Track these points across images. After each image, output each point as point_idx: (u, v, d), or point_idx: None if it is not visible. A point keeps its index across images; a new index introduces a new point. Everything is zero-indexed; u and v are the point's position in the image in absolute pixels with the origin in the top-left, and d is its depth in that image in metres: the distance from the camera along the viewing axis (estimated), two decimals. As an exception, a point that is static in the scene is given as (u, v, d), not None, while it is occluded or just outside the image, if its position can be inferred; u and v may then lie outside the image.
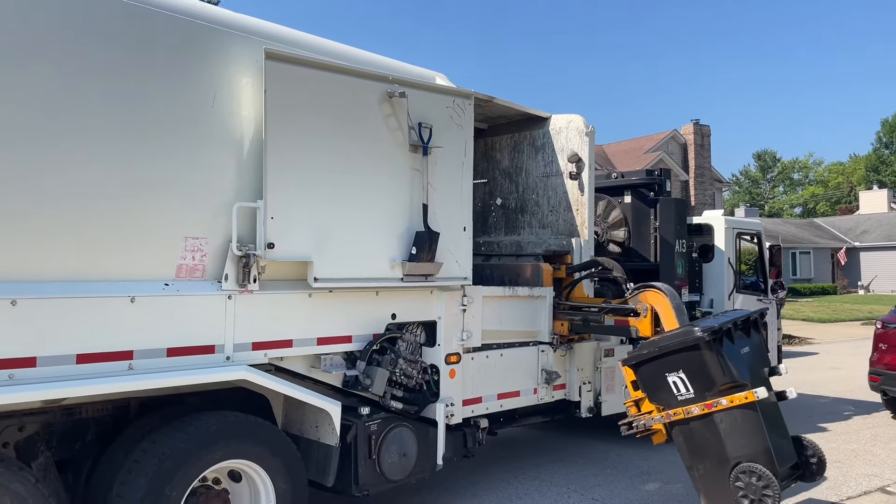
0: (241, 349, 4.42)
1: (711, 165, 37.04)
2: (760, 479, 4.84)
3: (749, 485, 4.87)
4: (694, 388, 5.15)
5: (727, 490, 4.99)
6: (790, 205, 74.67)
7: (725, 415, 5.03)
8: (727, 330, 5.19)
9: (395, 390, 5.30)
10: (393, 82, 5.14)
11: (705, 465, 5.16)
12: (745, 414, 5.00)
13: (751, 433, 5.00)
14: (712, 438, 5.09)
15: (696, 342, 5.08)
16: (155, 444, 4.02)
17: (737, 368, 5.10)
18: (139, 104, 4.07)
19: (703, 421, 5.10)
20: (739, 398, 4.97)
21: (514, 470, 7.04)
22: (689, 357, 5.15)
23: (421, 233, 5.27)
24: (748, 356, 5.32)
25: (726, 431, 5.04)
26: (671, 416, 5.24)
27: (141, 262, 4.07)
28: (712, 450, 5.11)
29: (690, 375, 5.15)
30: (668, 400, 5.26)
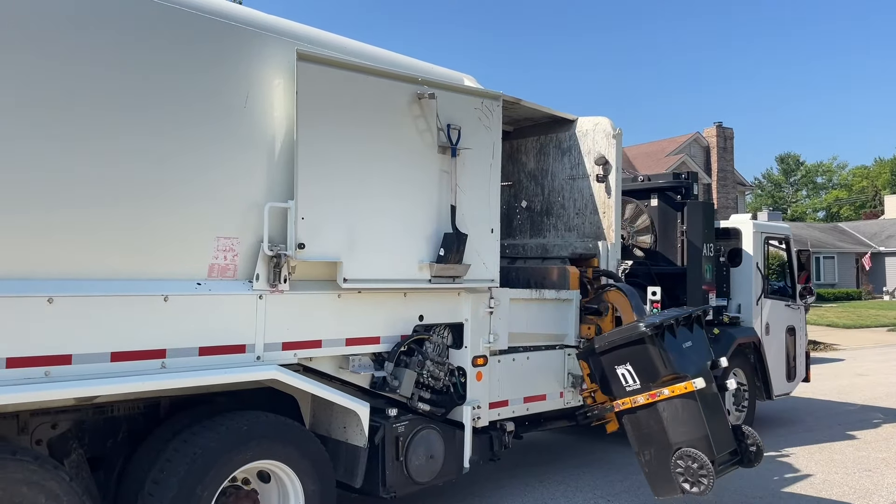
0: (271, 349, 4.43)
1: (734, 168, 36.70)
2: (697, 462, 5.20)
3: (688, 468, 5.24)
4: (640, 380, 5.52)
5: (670, 474, 5.33)
6: (813, 209, 73.82)
7: (667, 404, 5.39)
8: (669, 325, 5.53)
9: (423, 392, 5.29)
10: (422, 84, 5.13)
11: (651, 450, 5.49)
12: (685, 403, 5.35)
13: (691, 421, 5.33)
14: (656, 426, 5.44)
15: (640, 336, 5.47)
16: (186, 444, 4.04)
17: (678, 361, 5.46)
18: (174, 104, 4.09)
19: (648, 410, 5.46)
20: (679, 388, 5.34)
21: (539, 475, 6.99)
22: (635, 351, 5.53)
23: (449, 234, 5.25)
24: (690, 350, 5.64)
25: (668, 420, 5.39)
26: (620, 406, 5.62)
27: (174, 261, 4.09)
28: (657, 437, 5.45)
29: (637, 368, 5.54)
30: (619, 391, 5.61)
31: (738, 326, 8.66)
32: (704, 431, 5.30)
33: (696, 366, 5.56)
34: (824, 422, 9.78)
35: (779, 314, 9.22)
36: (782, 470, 7.35)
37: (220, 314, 4.21)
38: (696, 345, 5.74)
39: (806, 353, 9.86)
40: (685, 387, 5.33)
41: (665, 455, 5.37)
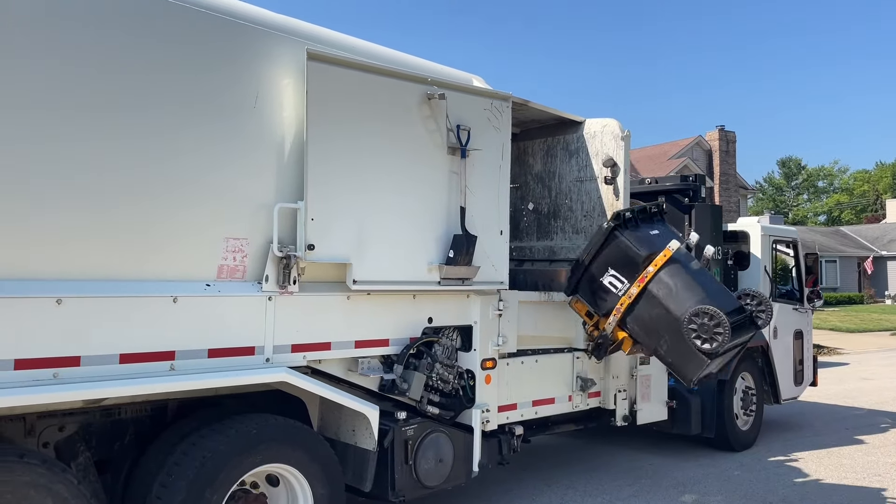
0: (280, 351, 4.38)
1: (736, 172, 36.66)
2: (712, 318, 5.16)
3: (701, 325, 5.20)
4: (626, 276, 5.61)
5: (689, 347, 5.26)
6: (814, 213, 73.77)
7: (657, 283, 5.45)
8: (629, 217, 5.72)
9: (432, 395, 5.23)
10: (432, 84, 5.09)
11: (665, 337, 5.47)
12: (672, 273, 5.44)
13: (686, 289, 5.38)
14: (658, 310, 5.45)
15: (608, 232, 5.67)
16: (195, 447, 3.99)
17: (649, 243, 5.64)
18: (182, 104, 4.05)
19: (645, 299, 5.50)
20: (660, 259, 5.46)
21: (547, 479, 6.94)
22: (610, 252, 5.67)
23: (458, 236, 5.21)
24: (657, 237, 5.76)
25: (665, 297, 5.41)
26: (620, 310, 5.60)
27: (183, 262, 4.04)
28: (664, 320, 5.44)
29: (618, 267, 5.64)
30: (613, 300, 5.64)
31: (746, 330, 8.58)
32: (702, 294, 5.35)
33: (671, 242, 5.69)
34: (832, 426, 9.72)
35: (786, 318, 9.17)
36: (792, 475, 7.30)
37: (229, 316, 4.17)
38: (662, 232, 5.88)
39: (813, 357, 9.80)
40: (664, 255, 5.46)
41: (677, 330, 5.31)
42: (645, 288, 5.48)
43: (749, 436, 8.38)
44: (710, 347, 5.17)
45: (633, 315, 5.58)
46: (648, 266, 5.47)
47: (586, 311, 6.00)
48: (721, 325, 5.12)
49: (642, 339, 5.63)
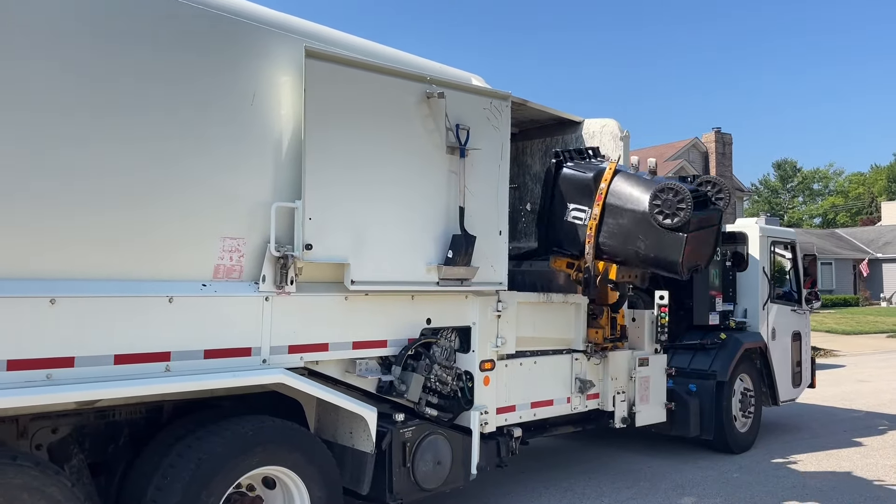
0: (277, 352, 4.33)
1: (733, 174, 36.69)
2: (675, 193, 5.39)
3: (665, 201, 5.43)
4: (586, 204, 5.87)
5: (663, 233, 5.49)
6: (810, 215, 73.90)
7: (612, 195, 5.70)
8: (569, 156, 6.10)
9: (430, 397, 5.18)
10: (431, 83, 5.05)
11: (638, 237, 5.66)
12: (623, 179, 5.73)
13: (641, 186, 5.62)
14: (624, 216, 5.68)
15: (554, 168, 6.07)
16: (191, 449, 3.93)
17: (593, 168, 5.98)
18: (178, 102, 4.00)
19: (608, 213, 5.73)
20: (608, 173, 5.78)
21: (545, 481, 6.89)
22: (562, 189, 5.99)
23: (457, 236, 5.16)
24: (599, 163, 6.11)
25: (626, 201, 5.67)
26: (591, 235, 5.80)
27: (178, 261, 3.99)
28: (631, 221, 5.65)
29: (575, 196, 5.96)
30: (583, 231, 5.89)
31: (745, 331, 8.58)
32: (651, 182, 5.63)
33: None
34: (829, 428, 9.70)
35: (785, 319, 9.15)
36: (791, 477, 7.26)
37: (225, 316, 4.12)
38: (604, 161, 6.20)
39: (812, 359, 9.78)
40: (609, 168, 5.80)
41: (646, 221, 5.54)
42: (605, 203, 5.72)
43: (748, 438, 8.35)
44: (675, 221, 5.38)
45: (603, 234, 5.76)
46: (602, 184, 5.75)
47: (566, 262, 6.20)
48: (683, 197, 5.34)
49: (620, 252, 5.78)
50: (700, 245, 5.74)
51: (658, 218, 5.44)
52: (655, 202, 5.45)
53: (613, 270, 6.07)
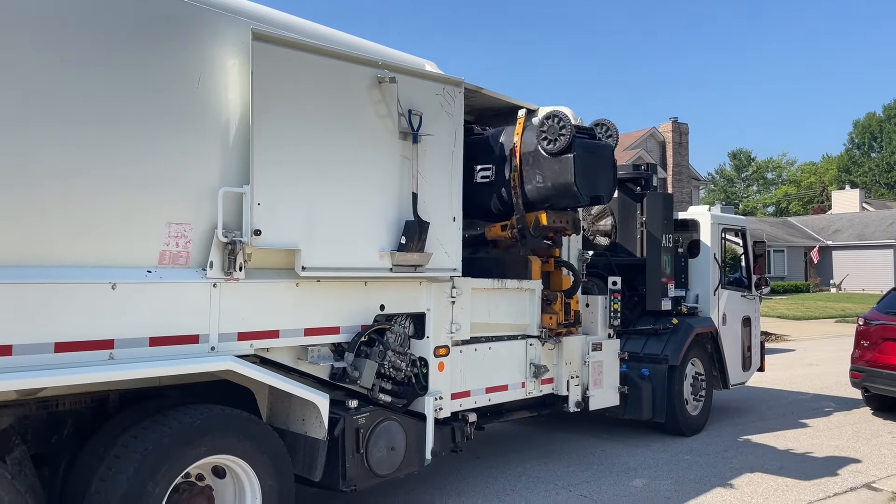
0: (226, 339, 4.27)
1: (689, 164, 37.31)
2: (557, 119, 5.88)
3: (550, 128, 5.91)
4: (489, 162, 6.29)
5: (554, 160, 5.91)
6: (763, 204, 75.61)
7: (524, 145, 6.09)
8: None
9: (384, 383, 5.17)
10: (382, 67, 5.01)
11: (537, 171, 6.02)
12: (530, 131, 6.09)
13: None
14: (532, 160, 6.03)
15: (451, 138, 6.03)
16: (136, 439, 3.86)
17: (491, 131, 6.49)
18: (120, 84, 3.89)
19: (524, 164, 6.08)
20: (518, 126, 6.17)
21: (500, 465, 6.95)
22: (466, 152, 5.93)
23: (410, 222, 5.15)
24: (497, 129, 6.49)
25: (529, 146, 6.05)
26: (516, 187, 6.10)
27: (122, 247, 3.90)
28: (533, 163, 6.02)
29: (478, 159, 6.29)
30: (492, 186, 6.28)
31: (696, 317, 8.75)
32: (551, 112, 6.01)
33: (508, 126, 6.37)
34: (778, 410, 9.97)
35: (735, 305, 9.36)
36: (740, 458, 7.45)
37: (171, 303, 4.04)
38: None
39: (761, 343, 10.03)
40: (519, 122, 6.17)
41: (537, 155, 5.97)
42: (521, 155, 6.05)
43: (699, 421, 8.53)
44: (557, 146, 5.83)
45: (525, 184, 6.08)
46: (513, 138, 6.09)
47: (500, 227, 6.41)
48: (563, 121, 5.82)
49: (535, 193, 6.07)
50: (594, 172, 6.09)
51: (543, 144, 5.90)
52: (542, 129, 5.91)
53: (544, 217, 6.26)
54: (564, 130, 5.82)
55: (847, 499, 6.24)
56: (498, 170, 6.27)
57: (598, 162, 6.17)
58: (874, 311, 9.84)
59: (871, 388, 9.41)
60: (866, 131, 72.90)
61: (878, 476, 6.88)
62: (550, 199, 6.12)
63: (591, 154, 6.06)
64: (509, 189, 6.18)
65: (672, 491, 6.31)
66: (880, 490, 6.48)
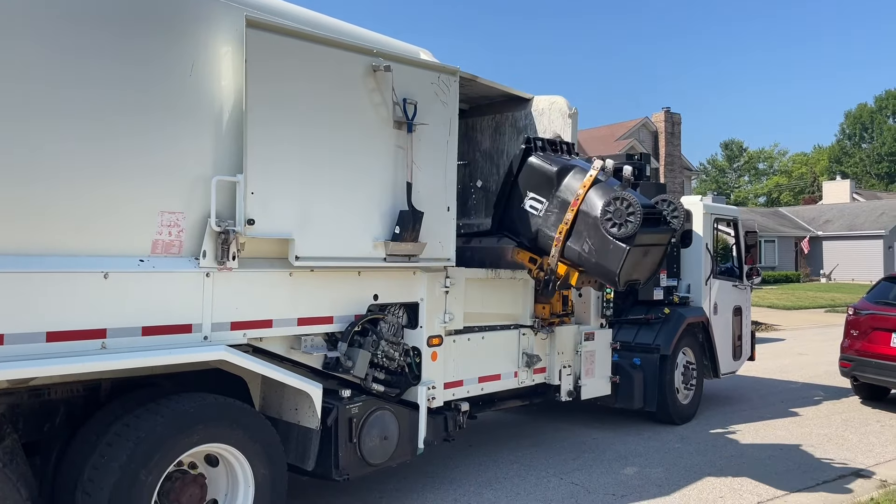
0: (219, 329, 4.26)
1: (681, 154, 37.35)
2: (624, 201, 5.36)
3: (616, 210, 5.38)
4: (543, 196, 5.88)
5: (606, 237, 5.43)
6: (755, 194, 75.88)
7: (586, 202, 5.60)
8: (539, 145, 6.03)
9: (377, 373, 5.18)
10: (377, 56, 4.98)
11: (586, 238, 5.61)
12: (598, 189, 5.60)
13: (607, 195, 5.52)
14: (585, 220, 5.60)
15: (521, 155, 6.00)
16: (129, 428, 3.85)
17: (559, 162, 5.89)
18: (113, 73, 3.86)
19: (580, 219, 5.62)
20: (588, 180, 5.63)
21: (492, 454, 6.99)
22: (525, 175, 5.96)
23: (404, 212, 5.14)
24: (569, 161, 6.03)
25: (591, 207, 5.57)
26: (560, 239, 5.69)
27: (114, 236, 3.88)
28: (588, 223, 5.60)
29: (535, 188, 5.90)
30: (535, 222, 5.92)
31: (688, 306, 8.78)
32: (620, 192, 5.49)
33: (584, 164, 5.92)
34: (768, 399, 10.05)
35: (726, 294, 9.40)
36: (730, 446, 7.51)
37: (164, 292, 4.03)
38: (573, 159, 6.15)
39: (752, 333, 10.08)
40: (590, 175, 5.65)
41: (596, 226, 5.49)
42: (579, 210, 5.61)
43: (689, 409, 8.59)
44: (622, 232, 5.33)
45: (571, 239, 5.69)
46: (579, 189, 5.64)
47: (529, 257, 6.10)
48: (633, 207, 5.29)
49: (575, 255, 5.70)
50: (644, 260, 5.69)
51: (606, 225, 5.38)
52: (607, 208, 5.39)
53: (574, 278, 5.88)
54: (632, 219, 5.28)
55: (836, 486, 6.30)
56: (549, 210, 5.85)
57: (650, 252, 5.74)
58: (864, 300, 9.90)
59: (861, 377, 9.50)
60: (857, 122, 73.19)
61: (866, 464, 6.95)
62: (587, 268, 5.73)
63: (647, 245, 5.63)
64: (552, 234, 5.78)
65: (663, 479, 6.36)
66: (869, 478, 6.54)
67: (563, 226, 5.65)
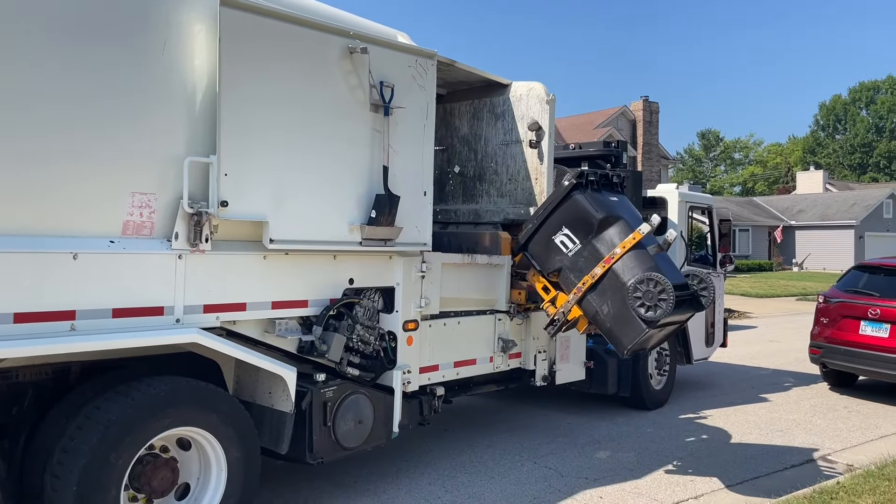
0: (191, 311, 4.22)
1: (659, 143, 37.60)
2: (657, 284, 5.11)
3: (647, 293, 5.14)
4: (578, 237, 5.61)
5: (629, 312, 5.24)
6: (730, 183, 76.68)
7: (622, 261, 5.39)
8: (590, 179, 5.75)
9: (352, 357, 5.18)
10: (354, 37, 4.93)
11: (607, 301, 5.42)
12: (635, 254, 5.39)
13: (641, 263, 5.36)
14: (610, 281, 5.42)
15: (567, 189, 5.67)
16: (99, 410, 3.81)
17: (610, 206, 5.65)
18: (85, 50, 3.78)
19: (609, 277, 5.42)
20: (629, 242, 5.39)
21: (467, 438, 7.02)
22: (566, 210, 5.68)
23: (381, 196, 5.11)
24: (617, 205, 5.80)
25: (620, 270, 5.39)
26: (582, 289, 5.51)
27: (84, 217, 3.82)
28: (612, 285, 5.41)
29: (572, 225, 5.64)
30: (561, 260, 5.68)
31: (662, 293, 8.84)
32: (654, 263, 5.32)
33: (630, 215, 5.65)
34: (739, 385, 10.21)
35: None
36: (701, 431, 7.63)
37: (135, 274, 3.97)
38: (621, 202, 5.88)
39: (724, 320, 10.21)
40: (633, 237, 5.37)
41: (622, 294, 5.25)
42: (609, 269, 5.36)
43: (662, 395, 8.69)
44: (652, 315, 5.09)
45: (595, 292, 5.48)
46: (617, 247, 5.37)
47: (543, 286, 5.91)
48: (666, 291, 5.05)
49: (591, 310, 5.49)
50: (657, 334, 5.52)
51: (634, 304, 5.17)
52: (636, 293, 5.17)
53: (583, 325, 5.79)
54: (663, 305, 5.06)
55: (803, 470, 6.43)
56: (579, 254, 5.63)
57: (666, 328, 5.59)
58: (834, 289, 10.07)
59: (829, 363, 9.67)
60: (831, 113, 74.16)
61: (833, 449, 7.09)
62: (599, 327, 5.59)
63: (669, 325, 5.54)
64: (574, 281, 5.59)
65: (635, 463, 6.44)
66: (835, 462, 6.68)
67: (588, 278, 5.46)
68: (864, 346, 9.10)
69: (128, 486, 3.94)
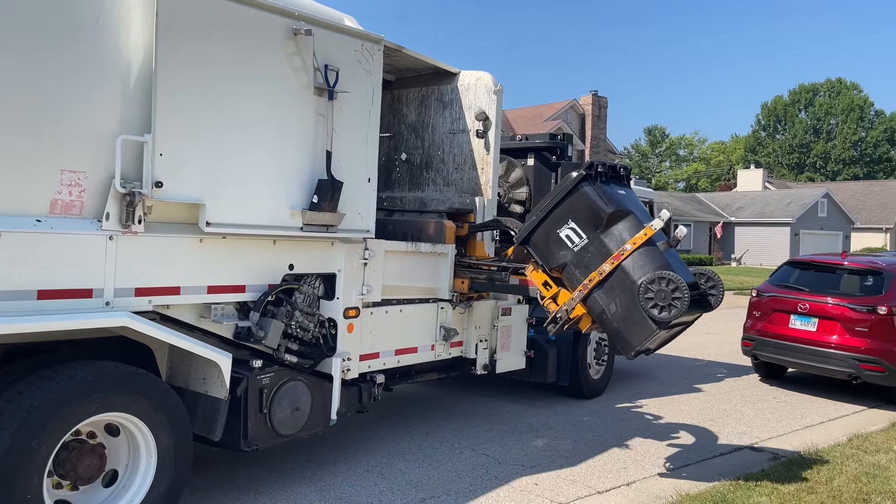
0: (122, 294, 4.10)
1: (607, 137, 38.19)
2: (670, 283, 4.90)
3: (659, 292, 4.93)
4: (585, 232, 5.40)
5: (640, 312, 5.03)
6: (675, 179, 78.50)
7: (631, 258, 5.21)
8: (600, 171, 5.55)
9: (290, 343, 5.12)
10: (299, 18, 4.84)
11: (616, 300, 5.20)
12: (646, 253, 5.23)
13: (652, 260, 5.19)
14: (619, 277, 5.24)
15: (576, 181, 5.43)
16: (21, 395, 3.67)
17: (618, 200, 5.45)
18: (12, 22, 3.61)
19: (617, 274, 5.24)
20: (640, 237, 5.21)
21: (406, 425, 7.03)
22: (573, 202, 5.45)
23: (323, 181, 5.05)
24: (625, 198, 5.62)
25: (630, 268, 5.21)
26: (588, 286, 5.30)
27: (9, 194, 3.66)
28: (620, 283, 5.21)
29: (578, 220, 5.42)
30: (565, 254, 5.47)
31: (603, 285, 8.99)
32: (665, 261, 5.15)
33: (639, 209, 5.50)
34: (675, 376, 10.48)
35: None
36: (636, 420, 7.81)
37: (63, 255, 3.84)
38: (629, 196, 5.70)
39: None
40: (644, 233, 5.20)
41: (632, 293, 5.08)
42: (620, 265, 5.20)
43: (600, 384, 8.86)
44: (666, 316, 4.92)
45: (602, 290, 5.33)
46: (626, 244, 5.22)
47: (543, 280, 5.73)
48: (680, 290, 4.87)
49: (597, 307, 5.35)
50: (664, 335, 5.38)
51: (646, 305, 4.99)
52: (648, 293, 4.99)
53: (587, 324, 5.62)
54: (677, 304, 4.88)
55: (731, 458, 6.65)
56: (585, 249, 5.42)
57: (674, 328, 5.45)
58: (766, 283, 10.41)
59: (760, 355, 10.01)
60: (772, 114, 76.42)
61: (760, 438, 7.35)
62: (604, 327, 5.47)
63: (675, 327, 5.41)
64: (580, 278, 5.38)
65: (571, 450, 6.56)
66: (762, 450, 6.93)
67: (595, 275, 5.27)
68: (794, 339, 9.45)
69: (52, 472, 3.82)
